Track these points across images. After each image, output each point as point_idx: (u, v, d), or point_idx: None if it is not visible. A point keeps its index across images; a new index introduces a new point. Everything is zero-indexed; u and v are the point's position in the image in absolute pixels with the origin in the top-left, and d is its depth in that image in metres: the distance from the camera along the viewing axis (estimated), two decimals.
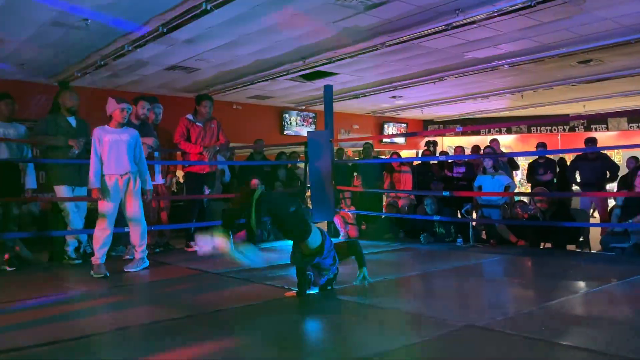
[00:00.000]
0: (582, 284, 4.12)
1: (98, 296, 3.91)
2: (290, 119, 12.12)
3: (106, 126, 4.66)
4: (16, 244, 5.26)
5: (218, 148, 6.12)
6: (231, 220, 3.35)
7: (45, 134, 5.26)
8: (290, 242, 3.54)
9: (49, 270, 5.17)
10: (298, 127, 12.19)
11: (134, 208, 4.74)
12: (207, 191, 6.16)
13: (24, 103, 8.40)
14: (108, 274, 4.53)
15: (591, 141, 7.52)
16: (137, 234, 4.80)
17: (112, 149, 4.58)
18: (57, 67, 7.86)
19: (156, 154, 5.98)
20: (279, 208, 3.43)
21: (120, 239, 5.82)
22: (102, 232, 4.61)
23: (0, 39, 6.39)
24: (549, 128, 14.27)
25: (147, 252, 4.96)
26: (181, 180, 8.20)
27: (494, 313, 3.19)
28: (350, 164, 8.60)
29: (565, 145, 13.70)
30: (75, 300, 3.84)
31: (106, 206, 4.60)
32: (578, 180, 7.72)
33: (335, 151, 7.96)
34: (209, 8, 5.32)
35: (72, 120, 5.37)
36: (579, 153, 7.85)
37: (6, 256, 5.09)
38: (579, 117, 13.85)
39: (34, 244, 5.76)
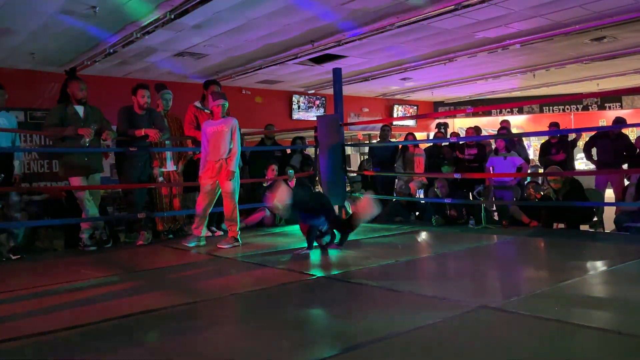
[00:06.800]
0: (595, 263, 4.10)
1: (114, 282, 3.97)
2: (299, 103, 12.07)
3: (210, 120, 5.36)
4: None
5: None
6: None
7: (55, 125, 5.29)
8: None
9: (65, 257, 5.24)
10: (307, 111, 12.14)
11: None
12: None
13: (35, 92, 8.48)
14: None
15: (621, 121, 7.31)
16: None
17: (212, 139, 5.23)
18: (67, 56, 7.88)
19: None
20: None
21: (132, 226, 5.89)
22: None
23: (11, 29, 6.41)
24: (561, 107, 14.05)
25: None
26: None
27: (507, 294, 3.20)
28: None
29: (579, 124, 13.51)
30: (91, 286, 3.90)
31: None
32: (595, 158, 7.60)
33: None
34: None
35: (80, 110, 5.40)
36: (597, 131, 7.70)
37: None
38: (592, 95, 13.62)
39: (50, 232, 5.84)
